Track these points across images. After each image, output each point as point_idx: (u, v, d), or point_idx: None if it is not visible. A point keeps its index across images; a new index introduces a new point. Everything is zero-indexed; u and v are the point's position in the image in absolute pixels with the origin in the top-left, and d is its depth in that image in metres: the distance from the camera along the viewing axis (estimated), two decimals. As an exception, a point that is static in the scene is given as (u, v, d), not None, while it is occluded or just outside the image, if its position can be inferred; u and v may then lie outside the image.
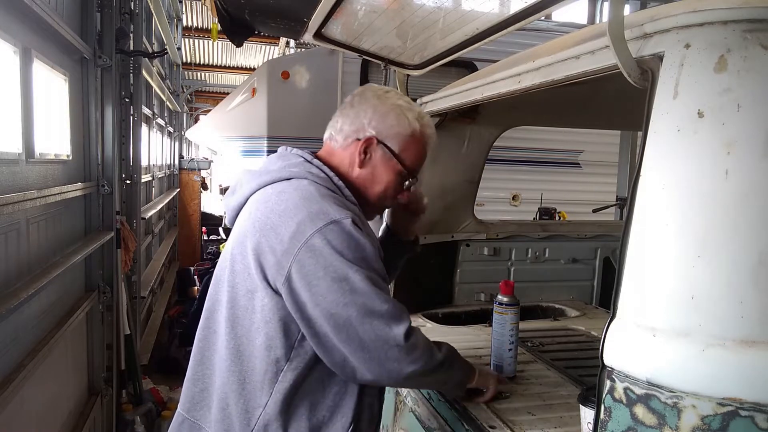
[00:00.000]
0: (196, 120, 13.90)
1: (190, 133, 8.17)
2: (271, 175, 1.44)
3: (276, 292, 1.32)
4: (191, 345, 1.47)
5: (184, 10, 9.80)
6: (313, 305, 1.28)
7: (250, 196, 1.46)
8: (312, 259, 1.28)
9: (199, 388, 1.45)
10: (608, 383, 1.01)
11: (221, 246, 8.35)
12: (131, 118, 4.31)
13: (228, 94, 7.43)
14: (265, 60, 11.99)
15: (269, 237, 1.32)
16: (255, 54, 12.84)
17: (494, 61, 2.20)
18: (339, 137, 1.51)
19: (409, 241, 1.85)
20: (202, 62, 13.55)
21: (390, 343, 1.29)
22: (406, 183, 1.54)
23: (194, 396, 1.46)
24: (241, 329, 1.37)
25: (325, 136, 1.56)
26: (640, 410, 0.96)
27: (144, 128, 5.58)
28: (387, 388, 1.71)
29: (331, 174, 1.45)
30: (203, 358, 1.46)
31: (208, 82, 15.32)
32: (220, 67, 13.90)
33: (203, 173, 11.10)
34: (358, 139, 1.48)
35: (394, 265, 1.79)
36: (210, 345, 1.45)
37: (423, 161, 1.55)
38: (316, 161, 1.46)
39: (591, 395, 1.19)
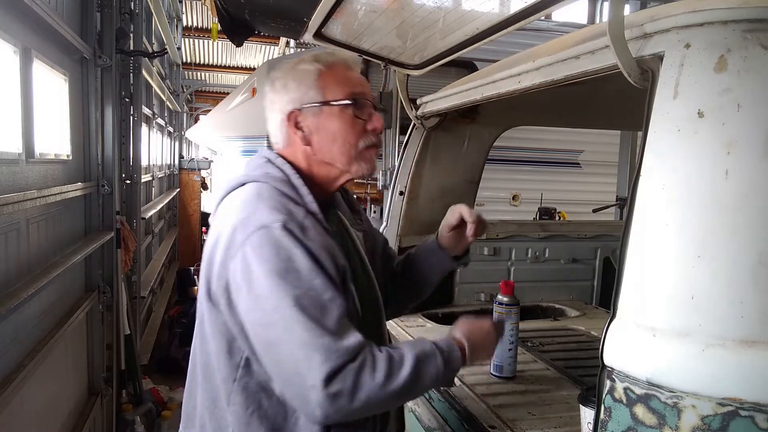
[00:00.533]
0: (196, 120, 13.89)
1: (190, 133, 8.17)
2: (232, 183, 1.34)
3: (222, 306, 1.21)
4: (191, 345, 1.43)
5: (184, 10, 9.79)
6: (244, 320, 1.17)
7: (218, 206, 1.36)
8: (241, 270, 1.15)
9: (192, 405, 1.37)
10: (608, 383, 1.01)
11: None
12: (131, 118, 4.31)
13: (228, 94, 7.43)
14: (265, 60, 12.00)
15: (215, 249, 1.23)
16: (255, 54, 12.84)
17: (494, 61, 2.20)
18: (275, 138, 1.39)
19: (457, 255, 1.63)
20: (202, 62, 13.54)
21: (306, 384, 1.09)
22: (362, 113, 1.33)
23: (188, 413, 1.38)
24: (207, 345, 1.29)
25: (254, 164, 1.39)
26: (640, 410, 0.96)
27: (144, 128, 5.58)
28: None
29: (290, 172, 1.30)
30: (192, 372, 1.38)
31: (208, 82, 15.32)
32: (220, 67, 13.89)
33: (203, 173, 11.10)
34: (287, 125, 1.34)
35: (432, 277, 1.64)
36: (193, 359, 1.38)
37: (354, 82, 1.35)
38: (279, 160, 1.33)
39: (591, 395, 1.19)
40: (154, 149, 7.05)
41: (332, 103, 1.31)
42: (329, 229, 1.28)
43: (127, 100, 4.17)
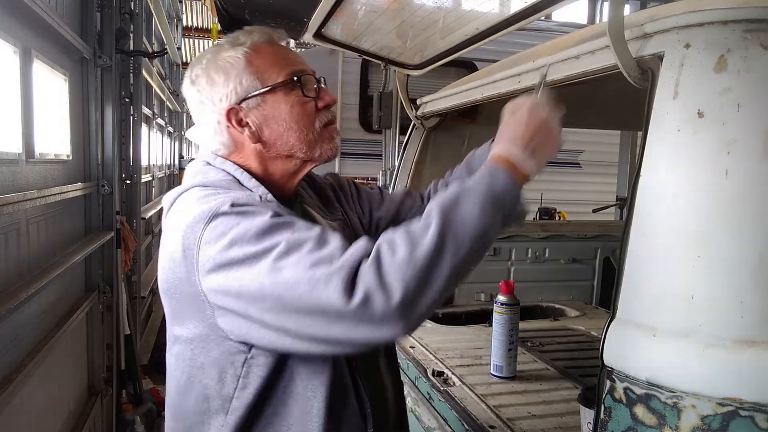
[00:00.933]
0: (196, 120, 13.87)
1: (190, 133, 8.15)
2: (168, 200, 1.16)
3: (204, 327, 1.06)
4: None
5: (184, 10, 9.79)
6: (248, 310, 0.98)
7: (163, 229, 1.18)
8: (214, 270, 0.99)
9: None
10: (608, 383, 1.01)
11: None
12: (131, 118, 4.31)
13: (228, 94, 7.41)
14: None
15: (174, 272, 1.06)
16: (255, 54, 12.83)
17: (494, 61, 2.20)
18: (213, 146, 1.18)
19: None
20: (202, 62, 13.54)
21: (335, 314, 0.91)
22: (309, 91, 1.16)
23: None
24: (191, 391, 1.16)
25: (196, 168, 1.19)
26: (640, 410, 0.96)
27: (144, 128, 5.58)
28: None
29: (232, 168, 1.15)
30: None
31: (208, 82, 15.30)
32: (220, 67, 13.89)
33: (203, 173, 11.07)
34: (227, 126, 1.16)
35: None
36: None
37: (290, 59, 1.18)
38: (218, 160, 1.17)
39: (591, 395, 1.19)
40: (154, 149, 7.05)
41: (272, 87, 1.13)
42: None
43: (127, 100, 4.17)
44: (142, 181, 5.13)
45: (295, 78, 1.14)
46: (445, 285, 0.93)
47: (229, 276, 0.97)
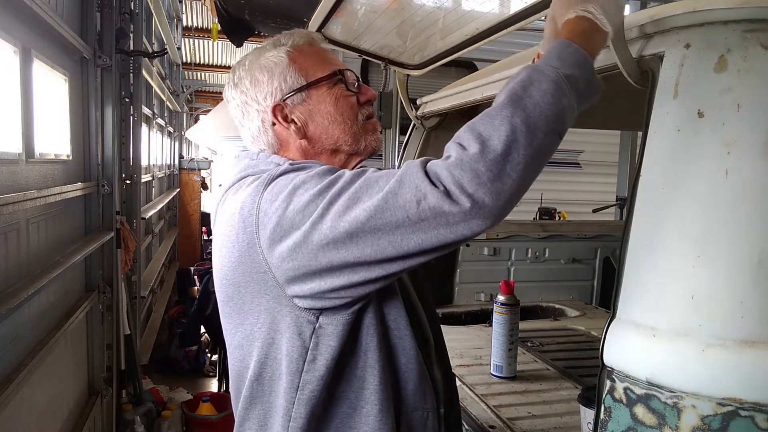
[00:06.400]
0: (196, 120, 13.88)
1: (190, 133, 8.17)
2: (220, 192, 1.18)
3: (274, 290, 1.02)
4: (191, 345, 1.34)
5: (184, 10, 9.78)
6: (328, 257, 0.93)
7: (217, 213, 1.19)
8: (282, 236, 0.96)
9: None
10: (608, 383, 1.01)
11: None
12: (131, 118, 4.31)
13: (228, 94, 7.41)
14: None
15: (223, 258, 1.07)
16: (255, 54, 12.83)
17: (494, 61, 2.20)
18: (257, 146, 1.20)
19: None
20: (202, 62, 13.53)
21: (421, 196, 0.88)
22: (351, 86, 1.19)
23: None
24: (267, 357, 1.10)
25: (243, 164, 1.17)
26: (640, 410, 0.96)
27: (144, 128, 5.58)
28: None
29: (280, 159, 1.15)
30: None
31: (208, 82, 15.31)
32: (220, 67, 13.88)
33: (203, 173, 11.10)
34: (273, 124, 1.17)
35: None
36: (236, 393, 1.20)
37: (330, 57, 1.22)
38: (262, 154, 1.18)
39: (591, 395, 1.19)
40: (154, 149, 7.05)
41: (315, 82, 1.16)
42: None
43: (127, 100, 4.17)
44: (142, 181, 5.12)
45: (335, 78, 1.17)
46: (525, 174, 0.88)
47: (301, 230, 0.94)
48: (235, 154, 1.25)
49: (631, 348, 0.99)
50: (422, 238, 0.90)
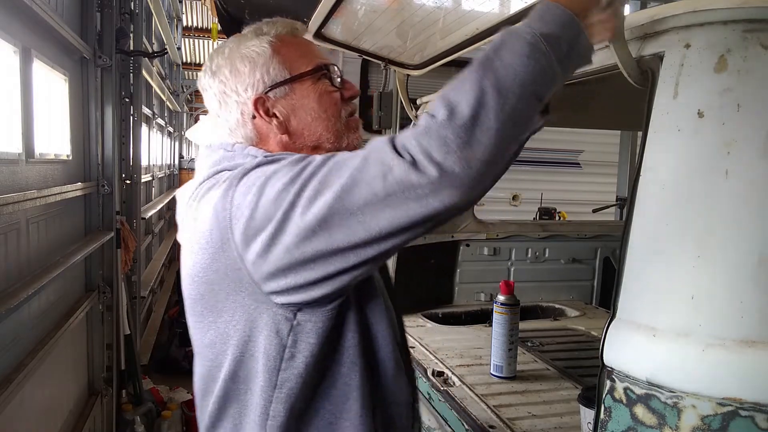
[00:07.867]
0: (196, 120, 13.88)
1: (190, 133, 8.16)
2: (188, 189, 1.11)
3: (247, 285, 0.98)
4: (191, 345, 1.31)
5: (184, 10, 9.80)
6: (303, 249, 0.90)
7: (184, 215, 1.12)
8: (254, 233, 0.92)
9: None
10: (608, 383, 1.01)
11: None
12: (131, 118, 4.31)
13: (228, 94, 7.40)
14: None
15: (195, 255, 1.02)
16: (255, 54, 12.83)
17: (494, 61, 2.20)
18: (233, 138, 1.14)
19: None
20: (202, 62, 13.54)
21: (387, 172, 0.84)
22: (331, 83, 1.14)
23: None
24: (243, 358, 1.06)
25: (218, 156, 1.11)
26: (640, 410, 0.96)
27: (144, 128, 5.58)
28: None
29: (257, 151, 1.10)
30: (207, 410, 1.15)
31: (208, 82, 15.31)
32: (220, 67, 13.89)
33: (203, 173, 11.08)
34: (253, 117, 1.12)
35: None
36: (205, 397, 1.16)
37: (315, 50, 1.18)
38: (238, 146, 1.12)
39: (591, 395, 1.19)
40: (154, 149, 7.05)
41: (299, 76, 1.11)
42: None
43: (127, 100, 4.17)
44: (142, 181, 5.13)
45: (324, 67, 1.13)
46: (498, 141, 0.83)
47: (273, 223, 0.90)
48: (207, 143, 1.20)
49: (631, 348, 0.99)
50: (392, 214, 0.85)
